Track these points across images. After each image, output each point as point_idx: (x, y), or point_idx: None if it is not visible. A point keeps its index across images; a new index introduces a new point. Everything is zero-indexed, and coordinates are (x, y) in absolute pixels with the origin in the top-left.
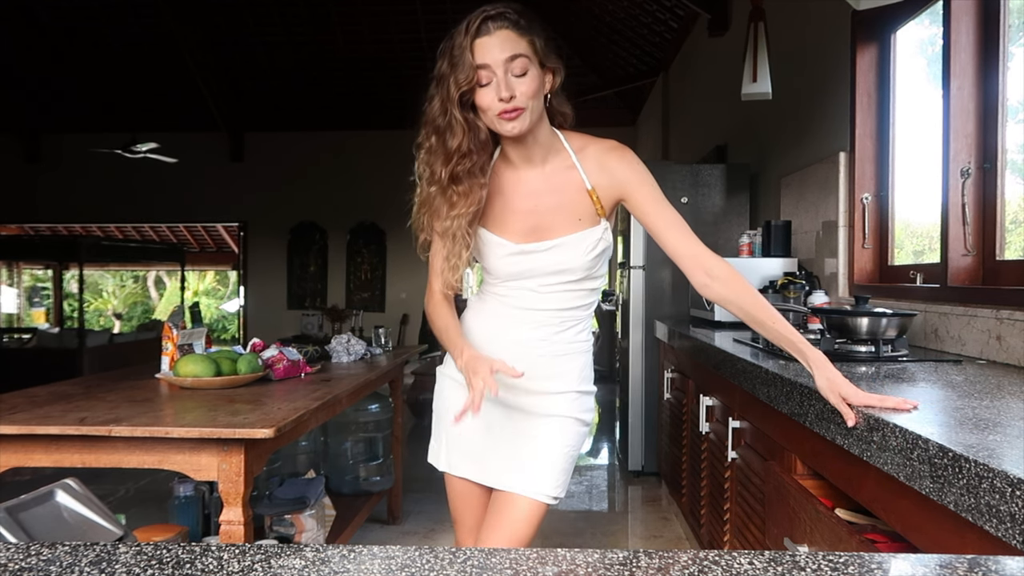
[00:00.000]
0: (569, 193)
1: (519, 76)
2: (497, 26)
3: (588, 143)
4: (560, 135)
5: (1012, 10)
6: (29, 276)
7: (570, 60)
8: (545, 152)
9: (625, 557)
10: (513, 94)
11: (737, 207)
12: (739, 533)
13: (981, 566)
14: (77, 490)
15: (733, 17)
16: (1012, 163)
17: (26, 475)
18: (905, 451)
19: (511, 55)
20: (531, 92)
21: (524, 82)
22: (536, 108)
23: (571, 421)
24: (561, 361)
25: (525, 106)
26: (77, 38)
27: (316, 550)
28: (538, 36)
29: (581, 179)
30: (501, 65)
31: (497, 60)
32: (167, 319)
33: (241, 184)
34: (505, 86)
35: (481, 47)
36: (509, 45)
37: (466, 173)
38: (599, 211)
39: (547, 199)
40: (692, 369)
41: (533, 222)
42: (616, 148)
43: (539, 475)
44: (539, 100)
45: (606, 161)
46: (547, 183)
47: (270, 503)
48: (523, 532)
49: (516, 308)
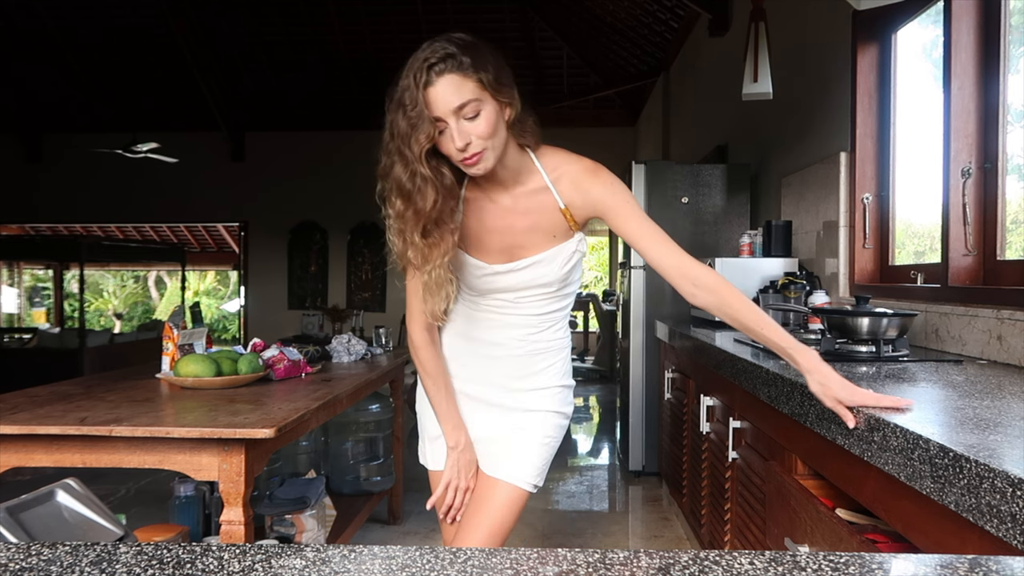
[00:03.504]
0: (543, 213)
1: (472, 119)
2: (440, 72)
3: (562, 163)
4: (532, 155)
5: (1013, 10)
6: (30, 276)
7: (571, 60)
8: (515, 175)
9: (625, 557)
10: (468, 141)
11: (738, 207)
12: (740, 533)
13: (982, 566)
14: (78, 490)
15: (734, 17)
16: (1013, 164)
17: (27, 475)
18: (906, 451)
19: (459, 104)
20: (487, 132)
21: (478, 125)
22: (497, 143)
23: (552, 415)
24: (540, 359)
25: (484, 148)
26: (78, 38)
27: (317, 550)
28: (486, 70)
29: (554, 200)
30: (451, 115)
31: (446, 110)
32: (168, 319)
33: (241, 184)
34: (459, 135)
35: (430, 98)
36: (456, 92)
37: (435, 225)
38: (572, 226)
39: (520, 220)
40: (693, 369)
41: (508, 242)
42: (591, 170)
43: (521, 464)
44: (499, 134)
45: (581, 183)
46: (519, 205)
47: (271, 503)
48: (505, 518)
49: (494, 314)
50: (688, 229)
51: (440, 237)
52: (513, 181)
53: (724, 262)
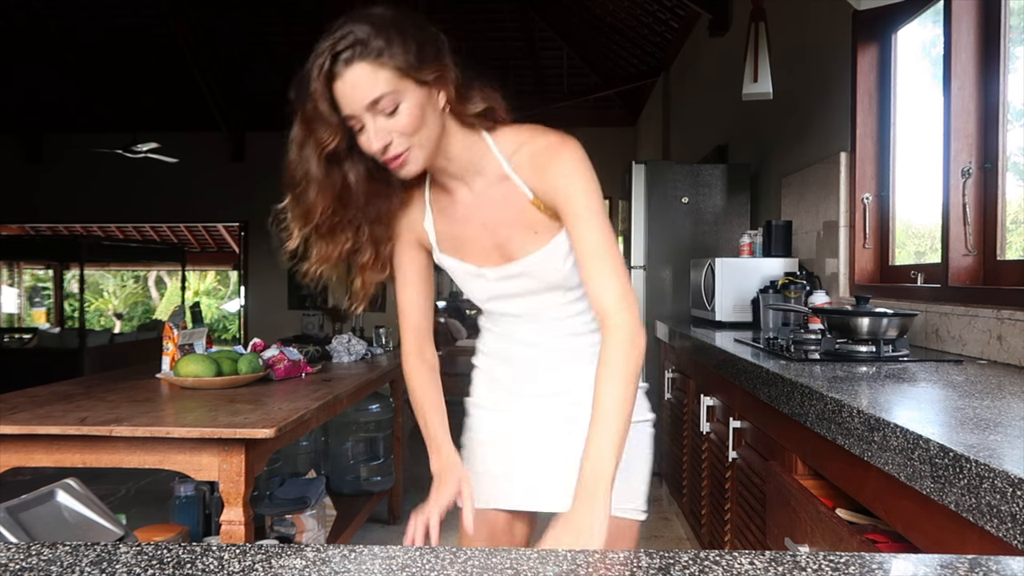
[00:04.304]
0: (511, 205)
1: (391, 115)
2: (347, 61)
3: (523, 142)
4: (488, 139)
5: (1013, 10)
6: (30, 276)
7: (571, 60)
8: (467, 166)
9: (625, 557)
10: (387, 141)
11: (738, 207)
12: (740, 533)
13: (982, 566)
14: (78, 490)
15: (734, 17)
16: (1013, 164)
17: (27, 475)
18: (906, 451)
19: (371, 99)
20: (410, 127)
21: (398, 120)
22: (426, 137)
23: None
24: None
25: (407, 145)
26: (78, 38)
27: (317, 550)
28: (405, 51)
29: (519, 189)
30: (365, 112)
31: (358, 108)
32: (168, 319)
33: (241, 184)
34: (376, 135)
35: (337, 94)
36: (366, 86)
37: (373, 224)
38: (553, 219)
39: (489, 215)
40: (693, 369)
41: (488, 242)
42: (552, 146)
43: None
44: (427, 126)
45: (539, 161)
46: (483, 199)
47: (271, 503)
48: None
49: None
50: (688, 229)
51: (374, 251)
52: (467, 172)
53: (724, 262)
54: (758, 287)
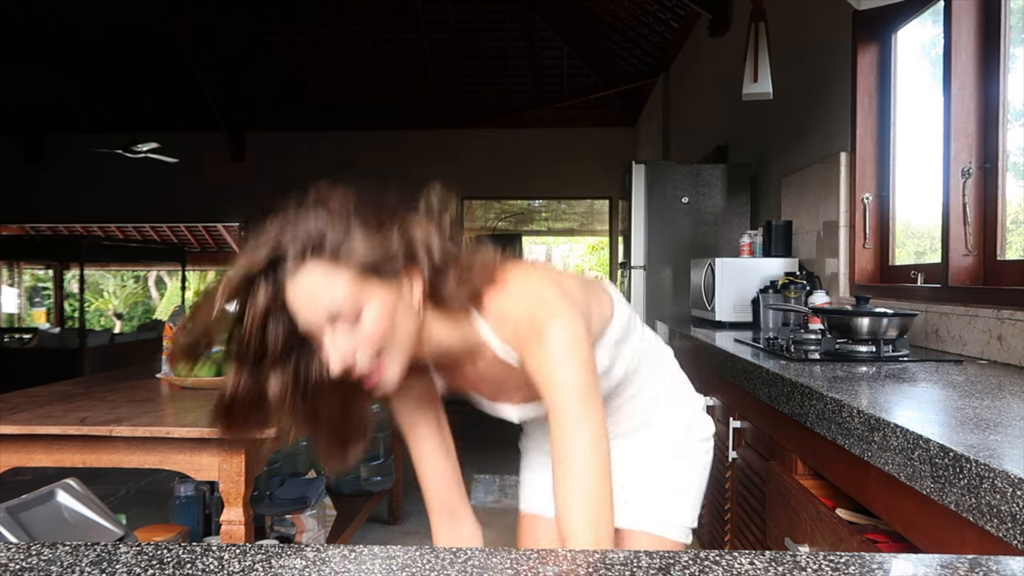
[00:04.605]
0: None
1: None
2: (295, 273)
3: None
4: (477, 317)
5: (1013, 10)
6: (30, 276)
7: (571, 60)
8: (459, 350)
9: (625, 557)
10: (351, 362)
11: (738, 207)
12: (740, 533)
13: (982, 566)
14: (78, 490)
15: (734, 17)
16: (1013, 164)
17: (27, 475)
18: (906, 451)
19: (328, 315)
20: (377, 335)
21: (364, 329)
22: (400, 341)
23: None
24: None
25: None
26: (78, 38)
27: (317, 550)
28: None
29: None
30: (324, 328)
31: (316, 325)
32: (168, 319)
33: (241, 184)
34: (337, 353)
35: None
36: (321, 299)
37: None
38: None
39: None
40: (693, 369)
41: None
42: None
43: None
44: (401, 327)
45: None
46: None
47: (271, 503)
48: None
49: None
50: (688, 229)
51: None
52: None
53: (724, 262)
54: (758, 287)
